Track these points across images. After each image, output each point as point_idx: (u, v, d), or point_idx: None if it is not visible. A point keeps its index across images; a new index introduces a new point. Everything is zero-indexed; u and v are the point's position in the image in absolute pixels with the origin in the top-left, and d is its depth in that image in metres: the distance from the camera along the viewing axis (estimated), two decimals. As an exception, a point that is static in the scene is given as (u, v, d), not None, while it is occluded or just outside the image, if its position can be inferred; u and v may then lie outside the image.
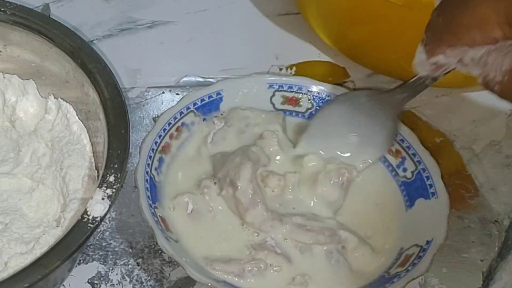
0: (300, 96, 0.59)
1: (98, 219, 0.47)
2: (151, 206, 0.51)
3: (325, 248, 0.51)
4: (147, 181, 0.52)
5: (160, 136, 0.55)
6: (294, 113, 0.60)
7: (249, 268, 0.50)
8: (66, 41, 0.56)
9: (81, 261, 0.54)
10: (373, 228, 0.54)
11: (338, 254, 0.51)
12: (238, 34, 0.70)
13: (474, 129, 0.64)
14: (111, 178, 0.49)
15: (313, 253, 0.51)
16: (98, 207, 0.47)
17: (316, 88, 0.59)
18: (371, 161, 0.56)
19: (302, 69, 0.67)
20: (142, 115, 0.63)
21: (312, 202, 0.53)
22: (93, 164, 0.55)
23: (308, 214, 0.52)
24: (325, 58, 0.69)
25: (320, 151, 0.55)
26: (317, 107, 0.59)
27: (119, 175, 0.49)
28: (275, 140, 0.55)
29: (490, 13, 0.38)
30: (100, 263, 0.54)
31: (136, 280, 0.53)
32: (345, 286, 0.51)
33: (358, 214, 0.55)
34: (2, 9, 0.57)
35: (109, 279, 0.53)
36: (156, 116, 0.62)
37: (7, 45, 0.58)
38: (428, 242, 0.51)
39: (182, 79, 0.66)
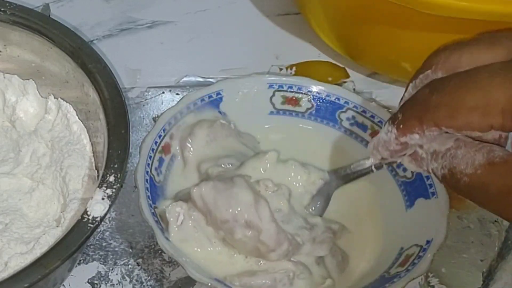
0: (300, 96, 0.59)
1: (98, 219, 0.47)
2: (151, 206, 0.51)
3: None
4: (147, 181, 0.52)
5: (160, 136, 0.55)
6: (294, 113, 0.59)
7: (280, 278, 0.49)
8: (66, 41, 0.56)
9: (81, 261, 0.54)
10: (373, 228, 0.54)
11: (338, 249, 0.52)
12: (238, 34, 0.70)
13: (474, 129, 0.64)
14: (111, 178, 0.49)
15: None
16: (98, 207, 0.47)
17: (316, 88, 0.59)
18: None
19: (302, 69, 0.67)
20: (142, 115, 0.63)
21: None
22: (93, 164, 0.55)
23: (305, 223, 0.52)
24: (325, 58, 0.69)
25: None
26: (317, 107, 0.59)
27: (119, 175, 0.49)
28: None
29: (500, 98, 0.36)
30: (100, 263, 0.54)
31: (136, 280, 0.54)
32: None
33: (358, 214, 0.55)
34: (2, 9, 0.57)
35: (109, 279, 0.53)
36: (156, 116, 0.62)
37: (7, 45, 0.58)
38: (428, 242, 0.50)
39: (182, 79, 0.66)
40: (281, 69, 0.67)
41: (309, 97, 0.59)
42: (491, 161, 0.38)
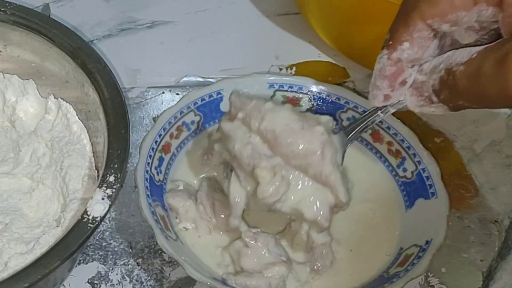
0: (300, 96, 0.59)
1: (98, 219, 0.47)
2: (151, 205, 0.51)
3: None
4: (147, 180, 0.52)
5: (160, 135, 0.55)
6: (294, 113, 0.60)
7: (276, 283, 0.50)
8: (66, 41, 0.56)
9: (81, 261, 0.54)
10: (372, 228, 0.54)
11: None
12: (238, 34, 0.70)
13: (474, 129, 0.64)
14: (111, 178, 0.49)
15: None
16: (98, 207, 0.47)
17: (316, 88, 0.59)
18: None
19: (302, 69, 0.67)
20: (142, 115, 0.63)
21: None
22: (93, 164, 0.55)
23: None
24: (325, 58, 0.69)
25: None
26: (317, 107, 0.59)
27: (119, 175, 0.49)
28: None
29: None
30: (100, 263, 0.54)
31: (136, 280, 0.54)
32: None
33: (358, 214, 0.55)
34: (2, 9, 0.57)
35: (109, 279, 0.53)
36: (156, 116, 0.62)
37: (7, 45, 0.58)
38: (427, 242, 0.51)
39: (182, 79, 0.66)
40: (281, 69, 0.67)
41: (309, 97, 0.59)
42: (487, 47, 0.37)
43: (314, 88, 0.59)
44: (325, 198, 0.48)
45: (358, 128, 0.51)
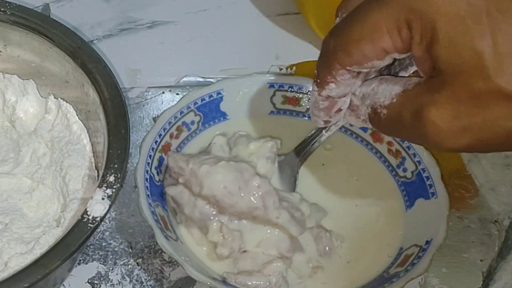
0: (300, 96, 0.59)
1: (98, 219, 0.47)
2: (150, 205, 0.51)
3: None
4: (147, 180, 0.52)
5: (160, 135, 0.55)
6: (294, 113, 0.60)
7: (276, 281, 0.50)
8: (66, 41, 0.56)
9: (81, 261, 0.54)
10: (372, 228, 0.54)
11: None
12: (238, 34, 0.70)
13: (474, 129, 0.64)
14: (111, 178, 0.49)
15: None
16: (98, 207, 0.47)
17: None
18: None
19: (302, 69, 0.67)
20: (142, 115, 0.63)
21: None
22: (93, 164, 0.55)
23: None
24: (325, 58, 0.69)
25: None
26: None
27: (119, 175, 0.49)
28: None
29: (380, 20, 0.37)
30: (100, 263, 0.54)
31: (136, 280, 0.53)
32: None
33: (358, 214, 0.55)
34: (2, 9, 0.57)
35: (109, 279, 0.53)
36: (156, 116, 0.62)
37: (7, 45, 0.58)
38: (427, 242, 0.50)
39: (182, 79, 0.66)
40: (281, 69, 0.67)
41: (309, 97, 0.59)
42: (406, 88, 0.38)
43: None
44: (280, 238, 0.51)
45: (307, 148, 0.55)
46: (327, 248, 0.52)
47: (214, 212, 0.50)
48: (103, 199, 0.48)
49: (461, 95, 0.35)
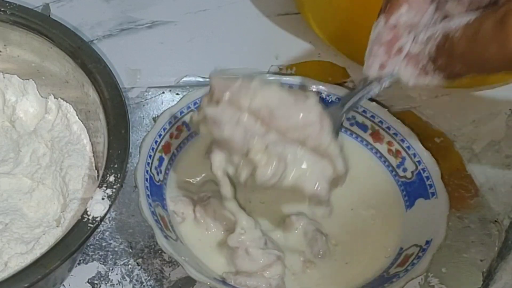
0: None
1: (98, 219, 0.47)
2: (150, 205, 0.51)
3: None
4: (147, 180, 0.52)
5: (160, 135, 0.55)
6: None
7: (276, 284, 0.50)
8: (66, 41, 0.56)
9: (81, 261, 0.54)
10: (372, 228, 0.54)
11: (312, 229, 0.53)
12: (238, 34, 0.70)
13: (474, 129, 0.64)
14: (111, 178, 0.49)
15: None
16: (98, 207, 0.47)
17: (316, 88, 0.59)
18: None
19: (302, 69, 0.67)
20: (142, 115, 0.63)
21: None
22: (93, 164, 0.55)
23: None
24: (325, 58, 0.69)
25: None
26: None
27: (119, 175, 0.49)
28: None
29: None
30: (100, 263, 0.54)
31: (136, 280, 0.53)
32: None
33: (358, 214, 0.55)
34: (2, 9, 0.57)
35: (109, 279, 0.53)
36: (156, 116, 0.62)
37: (7, 45, 0.58)
38: (427, 242, 0.50)
39: (182, 79, 0.66)
40: (281, 69, 0.67)
41: (309, 97, 0.59)
42: (484, 12, 0.38)
43: (314, 88, 0.59)
44: (324, 171, 0.47)
45: (353, 99, 0.50)
46: (320, 252, 0.52)
47: (261, 132, 0.46)
48: (103, 199, 0.48)
49: None
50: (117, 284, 0.53)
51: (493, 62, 0.37)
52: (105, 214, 0.47)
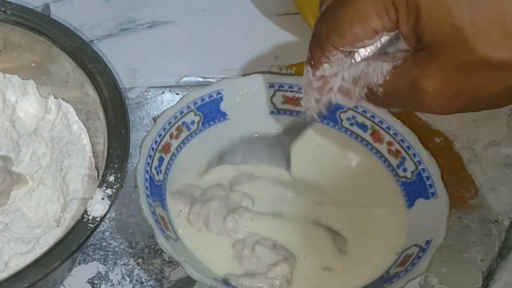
0: (300, 96, 0.59)
1: (98, 219, 0.47)
2: (150, 205, 0.51)
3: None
4: (147, 180, 0.52)
5: (160, 135, 0.55)
6: (294, 113, 0.60)
7: (279, 284, 0.50)
8: (66, 41, 0.56)
9: (81, 261, 0.54)
10: (372, 228, 0.54)
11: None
12: (238, 34, 0.70)
13: (474, 129, 0.64)
14: (111, 178, 0.49)
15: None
16: (98, 207, 0.47)
17: (316, 88, 0.59)
18: None
19: (302, 69, 0.67)
20: (142, 115, 0.63)
21: None
22: (93, 164, 0.55)
23: None
24: (325, 58, 0.69)
25: None
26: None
27: (119, 175, 0.49)
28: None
29: (369, 2, 0.40)
30: (100, 263, 0.54)
31: (136, 280, 0.53)
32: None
33: (358, 214, 0.55)
34: (2, 9, 0.57)
35: (109, 279, 0.53)
36: (156, 116, 0.62)
37: (7, 45, 0.58)
38: (427, 242, 0.50)
39: (182, 79, 0.66)
40: (281, 69, 0.67)
41: (309, 97, 0.59)
42: (395, 65, 0.41)
43: (314, 88, 0.59)
44: None
45: (302, 133, 0.55)
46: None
47: None
48: (103, 199, 0.48)
49: (449, 66, 0.38)
50: (117, 284, 0.53)
51: (416, 110, 0.46)
52: (105, 214, 0.47)
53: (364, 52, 0.45)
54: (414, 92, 0.40)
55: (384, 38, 0.44)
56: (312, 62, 0.46)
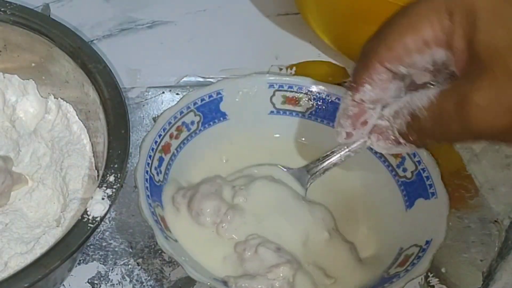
0: (300, 96, 0.59)
1: (98, 219, 0.47)
2: (150, 206, 0.51)
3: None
4: (146, 181, 0.52)
5: (160, 136, 0.55)
6: (294, 113, 0.60)
7: (280, 285, 0.49)
8: (66, 41, 0.56)
9: (81, 261, 0.54)
10: (372, 228, 0.54)
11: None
12: (238, 34, 0.70)
13: (474, 129, 0.64)
14: (111, 178, 0.49)
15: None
16: (98, 207, 0.47)
17: (316, 88, 0.59)
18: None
19: (302, 69, 0.67)
20: (142, 115, 0.63)
21: None
22: (93, 164, 0.55)
23: None
24: (325, 58, 0.69)
25: None
26: (317, 107, 0.59)
27: (119, 175, 0.49)
28: None
29: (422, 11, 0.39)
30: (100, 263, 0.54)
31: (136, 280, 0.54)
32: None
33: (358, 214, 0.55)
34: (2, 9, 0.57)
35: (109, 279, 0.53)
36: (156, 116, 0.62)
37: (7, 45, 0.58)
38: (427, 242, 0.50)
39: (182, 79, 0.66)
40: (281, 69, 0.67)
41: (309, 97, 0.59)
42: (442, 90, 0.40)
43: (314, 88, 0.59)
44: None
45: (320, 167, 0.54)
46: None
47: None
48: (103, 199, 0.48)
49: (503, 77, 0.37)
50: (117, 284, 0.53)
51: (459, 137, 0.41)
52: (105, 214, 0.47)
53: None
54: (462, 109, 0.39)
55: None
56: (353, 83, 0.44)
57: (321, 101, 0.59)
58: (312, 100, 0.59)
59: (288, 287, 0.49)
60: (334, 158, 0.53)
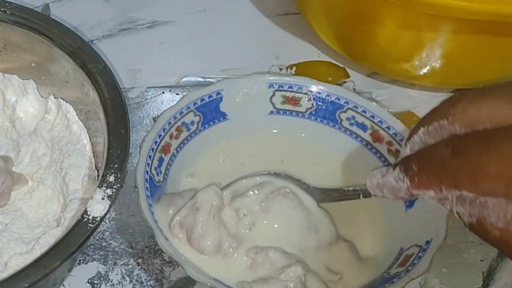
0: (300, 96, 0.59)
1: (98, 219, 0.47)
2: (150, 206, 0.51)
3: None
4: (146, 181, 0.52)
5: (160, 136, 0.55)
6: (294, 113, 0.60)
7: (294, 285, 0.49)
8: (66, 41, 0.56)
9: (81, 261, 0.54)
10: (372, 229, 0.54)
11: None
12: (238, 34, 0.70)
13: (474, 129, 0.64)
14: (111, 178, 0.49)
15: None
16: (98, 207, 0.47)
17: (316, 88, 0.59)
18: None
19: (302, 69, 0.67)
20: (142, 115, 0.63)
21: None
22: (93, 164, 0.55)
23: None
24: (325, 58, 0.69)
25: None
26: (317, 107, 0.59)
27: (119, 175, 0.49)
28: None
29: None
30: (100, 263, 0.54)
31: (136, 280, 0.54)
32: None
33: (357, 214, 0.55)
34: (2, 9, 0.57)
35: (109, 279, 0.53)
36: (156, 116, 0.62)
37: (7, 45, 0.58)
38: (427, 242, 0.50)
39: (182, 79, 0.66)
40: (281, 69, 0.67)
41: (309, 97, 0.59)
42: None
43: (314, 88, 0.59)
44: None
45: (336, 197, 0.54)
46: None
47: None
48: (103, 199, 0.48)
49: None
50: (117, 284, 0.53)
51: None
52: (105, 214, 0.47)
53: None
54: None
55: None
56: (416, 180, 0.38)
57: (321, 101, 0.59)
58: (312, 100, 0.59)
59: (301, 286, 0.49)
60: (352, 196, 0.53)
